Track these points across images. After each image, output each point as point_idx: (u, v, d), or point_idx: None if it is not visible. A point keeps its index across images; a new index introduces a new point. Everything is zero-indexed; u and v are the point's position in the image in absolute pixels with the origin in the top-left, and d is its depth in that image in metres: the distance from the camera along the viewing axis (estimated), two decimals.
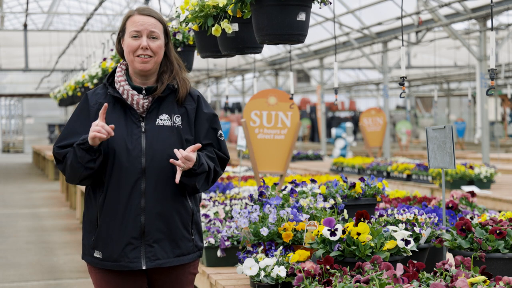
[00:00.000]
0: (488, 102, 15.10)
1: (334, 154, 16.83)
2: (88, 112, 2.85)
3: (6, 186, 18.52)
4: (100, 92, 2.89)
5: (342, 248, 2.92)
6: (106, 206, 2.79)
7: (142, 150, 2.78)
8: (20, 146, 38.48)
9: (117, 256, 2.78)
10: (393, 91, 28.96)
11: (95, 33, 19.79)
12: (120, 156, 2.77)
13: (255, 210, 3.65)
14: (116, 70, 2.90)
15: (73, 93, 13.25)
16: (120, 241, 2.77)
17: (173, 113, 2.85)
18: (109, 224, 2.79)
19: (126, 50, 2.83)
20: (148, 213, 2.78)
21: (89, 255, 2.86)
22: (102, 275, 2.85)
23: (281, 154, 5.53)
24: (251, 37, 3.49)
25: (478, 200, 7.15)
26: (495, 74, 3.21)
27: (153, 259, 2.79)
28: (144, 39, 2.80)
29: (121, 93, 2.83)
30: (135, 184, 2.77)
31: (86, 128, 2.78)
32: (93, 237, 2.83)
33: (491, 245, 2.94)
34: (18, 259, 8.54)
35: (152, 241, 2.79)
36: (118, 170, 2.77)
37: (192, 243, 2.89)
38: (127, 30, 2.84)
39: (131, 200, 2.77)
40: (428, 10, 12.52)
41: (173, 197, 2.82)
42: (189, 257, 2.88)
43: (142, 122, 2.82)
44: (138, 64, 2.81)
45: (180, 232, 2.84)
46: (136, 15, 2.84)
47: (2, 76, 31.33)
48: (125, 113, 2.83)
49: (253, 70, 23.15)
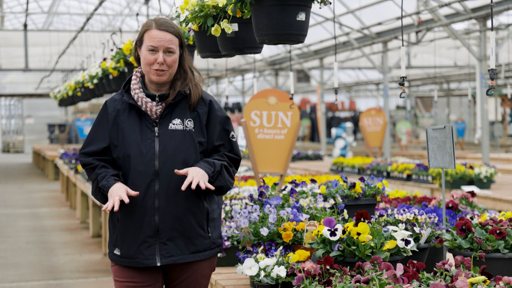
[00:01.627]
0: (488, 102, 15.10)
1: (334, 154, 16.83)
2: (107, 118, 3.03)
3: (6, 186, 18.52)
4: (117, 98, 3.07)
5: (342, 248, 2.92)
6: (124, 207, 2.93)
7: (155, 154, 2.94)
8: (20, 146, 38.47)
9: (133, 253, 2.95)
10: (393, 91, 28.95)
11: (95, 33, 19.80)
12: (135, 160, 2.95)
13: (255, 210, 3.65)
14: (132, 78, 3.07)
15: (73, 93, 13.25)
16: (136, 240, 2.94)
17: (185, 117, 3.00)
18: (126, 224, 2.96)
19: (143, 62, 2.99)
20: (162, 213, 2.93)
21: (111, 252, 3.04)
22: (121, 271, 3.02)
23: (281, 154, 5.53)
24: (251, 37, 3.49)
25: (478, 200, 7.15)
26: (495, 74, 3.21)
27: (167, 256, 2.93)
28: (160, 54, 2.95)
29: (136, 100, 3.00)
30: (149, 186, 2.93)
31: (106, 134, 3.00)
32: (114, 235, 3.01)
33: (491, 245, 2.94)
34: (18, 259, 8.54)
35: (166, 239, 2.93)
36: (133, 173, 2.95)
37: (209, 240, 3.01)
38: (144, 42, 2.99)
39: (145, 201, 2.93)
40: (428, 10, 12.52)
41: (186, 197, 2.94)
42: (206, 253, 3.01)
43: (156, 127, 2.98)
44: (153, 76, 2.97)
45: (195, 231, 2.97)
46: (154, 30, 2.97)
47: (2, 76, 31.32)
48: (140, 119, 3.00)
49: (253, 70, 23.15)
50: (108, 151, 3.01)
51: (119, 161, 2.98)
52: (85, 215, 11.35)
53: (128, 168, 2.95)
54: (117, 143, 2.98)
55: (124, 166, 2.97)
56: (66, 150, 16.23)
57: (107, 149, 3.01)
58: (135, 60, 3.11)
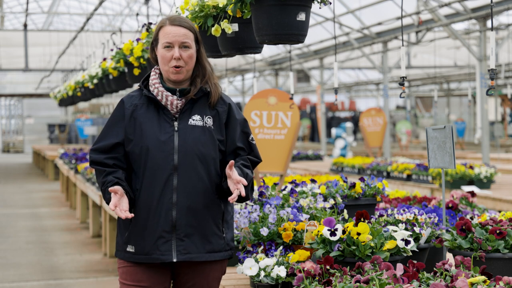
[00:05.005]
0: (488, 102, 15.09)
1: (334, 154, 16.83)
2: (123, 115, 2.99)
3: (6, 186, 18.53)
4: (135, 94, 3.04)
5: (342, 248, 2.92)
6: (140, 202, 2.91)
7: (174, 148, 2.91)
8: (20, 146, 38.48)
9: (149, 249, 2.90)
10: (393, 91, 28.94)
11: (95, 33, 19.80)
12: (154, 153, 2.91)
13: (255, 210, 3.65)
14: (151, 74, 3.05)
15: (73, 93, 13.26)
16: (153, 235, 2.90)
17: (204, 114, 2.98)
18: (142, 219, 2.92)
19: (161, 61, 2.97)
20: (179, 208, 2.89)
21: (122, 250, 2.98)
22: (129, 273, 2.96)
23: (281, 154, 5.53)
24: (251, 37, 3.49)
25: (478, 200, 7.15)
26: (495, 74, 3.21)
27: (184, 253, 2.90)
28: (176, 49, 2.93)
29: (156, 94, 2.97)
30: (168, 180, 2.89)
31: (119, 130, 2.96)
32: (126, 233, 2.96)
33: (491, 245, 2.94)
34: (18, 259, 8.54)
35: (183, 235, 2.90)
36: (151, 167, 2.90)
37: (224, 241, 2.98)
38: (159, 41, 2.98)
39: (163, 195, 2.89)
40: (428, 10, 12.52)
41: (204, 193, 2.92)
42: (220, 254, 2.97)
43: (175, 122, 2.95)
44: (171, 74, 2.95)
45: (211, 228, 2.93)
46: (167, 26, 2.96)
47: (2, 76, 31.33)
48: (158, 113, 2.96)
49: (253, 70, 23.16)
50: (120, 147, 2.95)
51: (134, 156, 2.92)
52: (85, 215, 11.35)
53: (145, 161, 2.90)
54: (133, 137, 2.93)
55: (141, 160, 2.91)
56: (66, 150, 16.24)
57: (118, 145, 2.95)
58: (153, 61, 3.06)
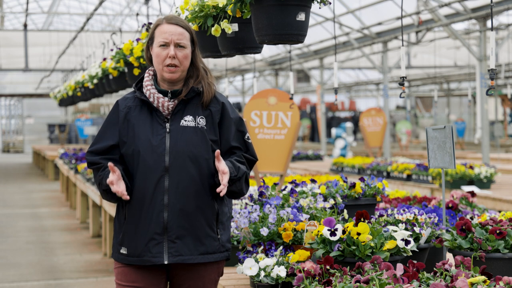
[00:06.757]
0: (488, 102, 15.10)
1: (334, 154, 16.83)
2: (118, 117, 3.00)
3: (6, 186, 18.53)
4: (129, 96, 3.06)
5: (342, 248, 2.92)
6: (132, 204, 2.92)
7: (166, 149, 2.91)
8: (20, 146, 38.48)
9: (140, 251, 2.90)
10: (393, 91, 28.95)
11: (95, 33, 19.81)
12: (145, 155, 2.91)
13: (255, 210, 3.65)
14: (144, 76, 3.05)
15: (73, 93, 13.25)
16: (144, 237, 2.89)
17: (197, 114, 2.97)
18: (134, 221, 2.92)
19: (155, 59, 2.97)
20: (171, 209, 2.88)
21: (117, 252, 2.99)
22: (124, 274, 2.97)
23: (281, 154, 5.53)
24: (251, 37, 3.49)
25: (478, 200, 7.15)
26: (495, 74, 3.21)
27: (175, 255, 2.88)
28: (171, 48, 2.93)
29: (148, 96, 2.98)
30: (159, 182, 2.89)
31: (115, 132, 2.98)
32: (120, 234, 2.97)
33: (491, 245, 2.94)
34: (18, 259, 8.54)
35: (175, 237, 2.88)
36: (143, 168, 2.91)
37: (218, 243, 2.95)
38: (155, 39, 2.98)
39: (155, 197, 2.89)
40: (428, 10, 12.53)
41: (196, 194, 2.90)
42: (215, 256, 2.95)
43: (167, 123, 2.95)
44: (166, 73, 2.95)
45: (204, 230, 2.91)
46: (164, 24, 2.97)
47: (2, 76, 31.32)
48: (151, 115, 2.97)
49: (253, 70, 23.15)
50: (116, 149, 2.97)
51: (128, 158, 2.94)
52: (85, 215, 11.35)
53: (137, 163, 2.91)
54: (127, 139, 2.94)
55: (133, 162, 2.92)
56: (66, 150, 16.23)
57: (114, 147, 2.97)
58: (147, 60, 3.07)
